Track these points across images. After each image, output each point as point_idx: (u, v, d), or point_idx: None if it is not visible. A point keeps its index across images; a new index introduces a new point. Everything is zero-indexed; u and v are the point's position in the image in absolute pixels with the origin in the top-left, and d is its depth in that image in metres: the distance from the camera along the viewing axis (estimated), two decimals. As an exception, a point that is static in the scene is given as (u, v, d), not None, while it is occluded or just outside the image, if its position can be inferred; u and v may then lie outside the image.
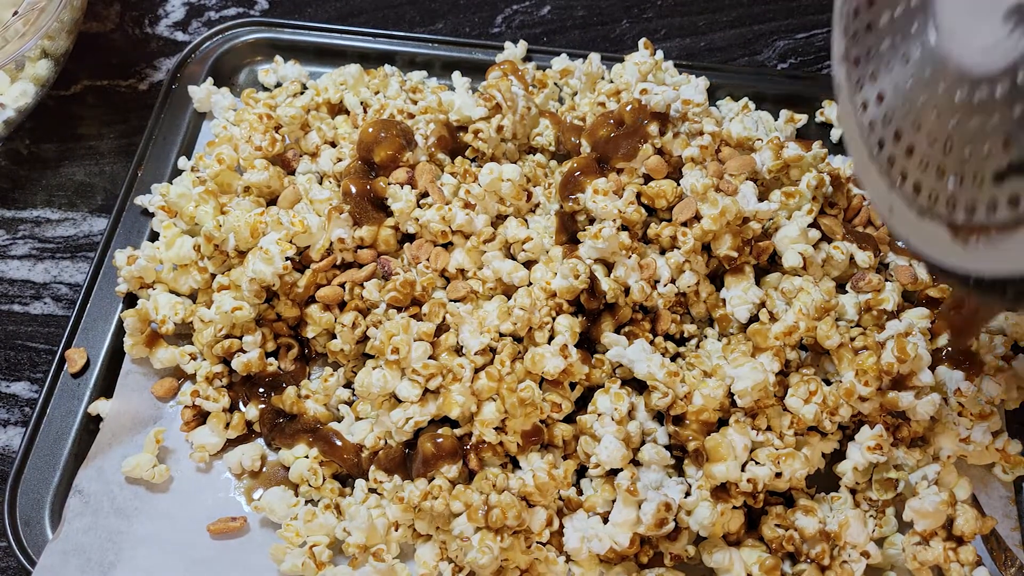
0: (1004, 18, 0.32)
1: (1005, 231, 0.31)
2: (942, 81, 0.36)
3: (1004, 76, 0.32)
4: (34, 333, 0.60)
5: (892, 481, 0.52)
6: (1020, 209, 0.30)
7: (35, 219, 0.65)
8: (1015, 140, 0.31)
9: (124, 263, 0.56)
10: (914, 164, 0.37)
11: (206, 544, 0.51)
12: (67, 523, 0.50)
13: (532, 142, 0.63)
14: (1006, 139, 0.31)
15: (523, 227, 0.57)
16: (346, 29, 0.71)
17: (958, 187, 0.34)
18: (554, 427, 0.52)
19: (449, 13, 0.76)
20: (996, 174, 0.32)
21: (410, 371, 0.50)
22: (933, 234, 0.35)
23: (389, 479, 0.51)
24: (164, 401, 0.56)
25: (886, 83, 0.39)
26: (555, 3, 0.77)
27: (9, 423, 0.57)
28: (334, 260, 0.56)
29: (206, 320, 0.53)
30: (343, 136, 0.62)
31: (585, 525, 0.50)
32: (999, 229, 0.31)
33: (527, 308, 0.52)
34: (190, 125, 0.66)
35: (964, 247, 0.33)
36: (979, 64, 0.33)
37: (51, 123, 0.69)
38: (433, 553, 0.50)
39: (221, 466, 0.54)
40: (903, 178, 0.38)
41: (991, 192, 0.32)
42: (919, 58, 0.37)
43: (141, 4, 0.76)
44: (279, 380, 0.55)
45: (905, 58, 0.38)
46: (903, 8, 0.38)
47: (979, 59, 0.33)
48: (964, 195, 0.33)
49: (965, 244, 0.33)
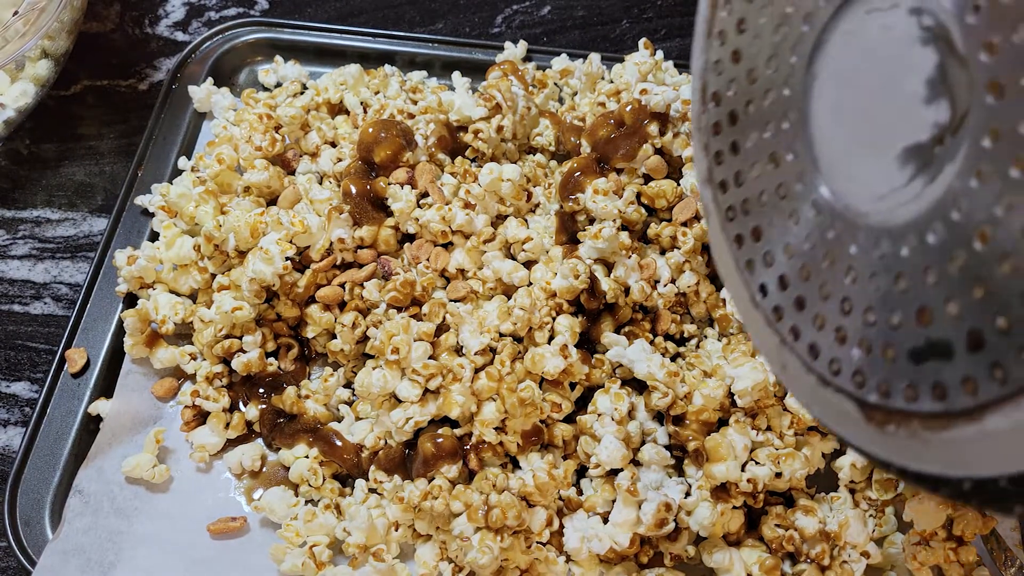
0: (899, 160, 0.26)
1: (932, 428, 0.24)
2: (829, 227, 0.29)
3: (909, 232, 0.25)
4: (34, 333, 0.60)
5: (892, 481, 0.52)
6: (949, 403, 0.24)
7: (35, 219, 0.65)
8: (933, 313, 0.24)
9: (124, 263, 0.56)
10: (807, 321, 0.30)
11: (206, 544, 0.51)
12: (67, 523, 0.50)
13: (532, 142, 0.63)
14: (920, 310, 0.25)
15: (523, 227, 0.57)
16: (346, 29, 0.71)
17: (865, 360, 0.27)
18: (554, 427, 0.52)
19: (449, 13, 0.76)
20: (912, 352, 0.25)
21: (410, 371, 0.50)
22: (840, 409, 0.28)
23: (389, 479, 0.51)
24: (164, 401, 0.56)
25: (762, 217, 0.32)
26: (555, 3, 0.77)
27: (9, 423, 0.57)
28: (334, 260, 0.56)
29: (206, 320, 0.53)
30: (343, 136, 0.62)
31: (585, 525, 0.50)
32: (923, 422, 0.25)
33: (527, 308, 0.52)
34: (190, 125, 0.66)
35: (880, 434, 0.26)
36: (875, 213, 0.27)
37: (51, 123, 0.69)
38: (433, 553, 0.50)
39: (221, 466, 0.54)
40: (795, 335, 0.30)
41: (909, 374, 0.25)
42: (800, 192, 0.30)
43: (141, 4, 0.76)
44: (279, 380, 0.55)
45: (780, 190, 0.31)
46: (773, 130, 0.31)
47: (874, 207, 0.27)
48: (874, 372, 0.26)
49: (881, 431, 0.26)
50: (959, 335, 0.23)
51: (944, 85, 0.24)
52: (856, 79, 0.28)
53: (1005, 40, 0.22)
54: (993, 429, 0.22)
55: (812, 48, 0.29)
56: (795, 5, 0.30)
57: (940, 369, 0.24)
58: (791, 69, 0.30)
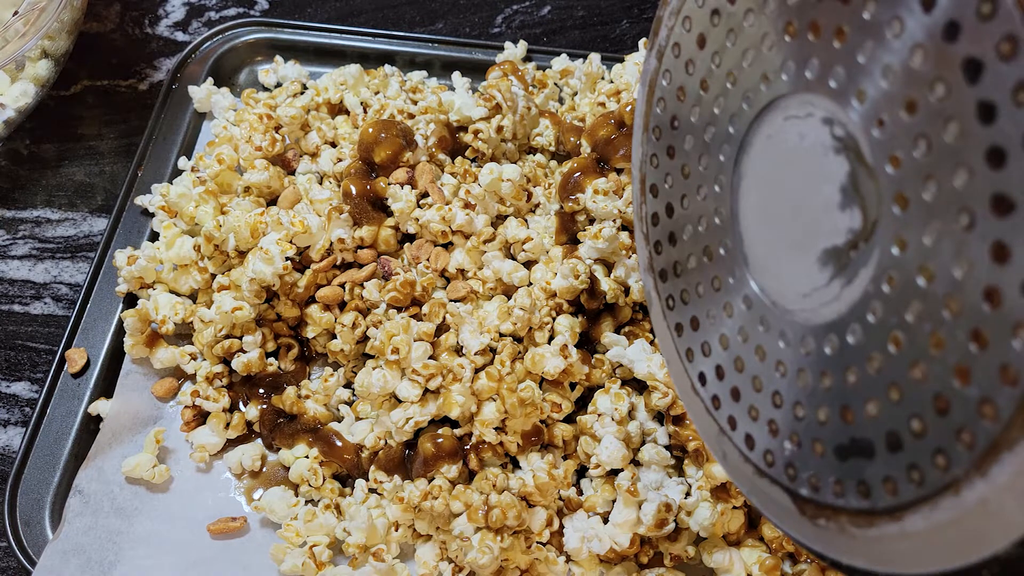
0: (819, 261, 0.26)
1: (858, 524, 0.25)
2: (759, 322, 0.29)
3: (831, 331, 0.26)
4: (34, 333, 0.60)
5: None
6: (873, 501, 0.24)
7: (35, 219, 0.65)
8: (855, 412, 0.24)
9: (124, 263, 0.56)
10: (742, 412, 0.30)
11: (206, 544, 0.51)
12: (67, 523, 0.50)
13: (532, 142, 0.63)
14: (843, 408, 0.25)
15: (523, 227, 0.57)
16: (346, 29, 0.71)
17: (796, 453, 0.27)
18: (554, 427, 0.52)
19: (449, 13, 0.76)
20: (838, 449, 0.25)
21: (410, 371, 0.50)
22: (776, 500, 0.29)
23: (389, 479, 0.51)
24: (164, 401, 0.56)
25: (699, 308, 0.33)
26: (555, 3, 0.77)
27: (9, 423, 0.57)
28: (334, 260, 0.56)
29: (206, 320, 0.53)
30: (343, 136, 0.62)
31: (585, 525, 0.50)
32: (850, 518, 0.25)
33: (527, 308, 0.52)
34: (190, 125, 0.66)
35: (813, 526, 0.27)
36: (800, 311, 0.27)
37: (51, 123, 0.69)
38: (433, 553, 0.50)
39: (221, 466, 0.54)
40: (732, 425, 0.31)
41: (836, 470, 0.25)
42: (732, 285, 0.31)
43: (141, 4, 0.76)
44: (279, 380, 0.55)
45: (715, 282, 0.32)
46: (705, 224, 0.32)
47: (799, 305, 0.27)
48: (804, 465, 0.27)
49: (813, 524, 0.27)
50: (879, 435, 0.24)
51: (856, 193, 0.25)
52: (777, 181, 0.28)
53: (907, 155, 0.22)
54: (912, 529, 0.23)
55: (738, 149, 0.30)
56: (721, 107, 0.31)
57: (863, 467, 0.24)
58: (720, 167, 0.31)
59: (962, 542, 0.21)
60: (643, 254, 0.36)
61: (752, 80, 0.29)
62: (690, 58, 0.32)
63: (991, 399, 0.20)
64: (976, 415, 0.20)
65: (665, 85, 0.34)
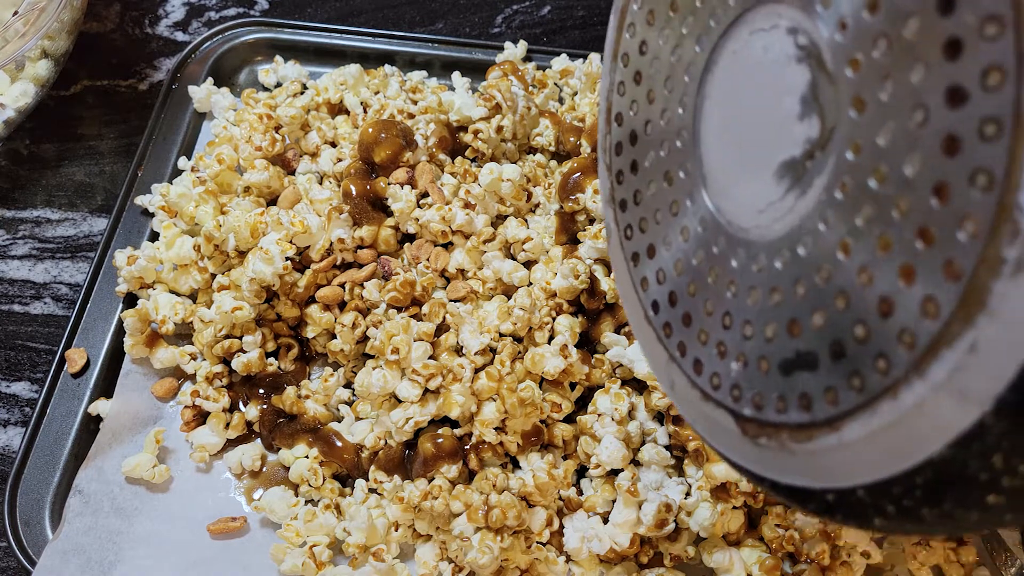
0: (776, 175, 0.27)
1: (798, 439, 0.25)
2: (713, 243, 0.29)
3: (783, 245, 0.26)
4: (34, 333, 0.60)
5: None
6: (813, 413, 0.24)
7: (35, 219, 0.65)
8: (802, 325, 0.25)
9: (124, 263, 0.56)
10: (692, 337, 0.31)
11: (206, 544, 0.51)
12: (67, 523, 0.50)
13: (532, 142, 0.63)
14: (791, 322, 0.26)
15: (523, 227, 0.57)
16: (346, 29, 0.71)
17: (742, 373, 0.28)
18: (554, 427, 0.52)
19: (449, 13, 0.76)
20: (782, 364, 0.26)
21: (410, 371, 0.50)
22: (719, 423, 0.29)
23: (389, 479, 0.51)
24: (164, 401, 0.56)
25: (656, 234, 0.33)
26: (555, 3, 0.77)
27: (9, 423, 0.57)
28: (334, 260, 0.56)
29: (206, 320, 0.53)
30: (343, 136, 0.62)
31: (585, 525, 0.50)
32: (791, 434, 0.25)
33: (527, 308, 0.52)
34: (190, 125, 0.66)
35: (754, 447, 0.27)
36: (754, 228, 0.28)
37: (51, 123, 0.69)
38: (433, 553, 0.50)
39: (221, 466, 0.54)
40: (682, 351, 0.31)
41: (779, 386, 0.26)
42: (690, 209, 0.31)
43: (141, 4, 0.76)
44: (279, 380, 0.55)
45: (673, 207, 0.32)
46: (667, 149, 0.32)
47: (754, 222, 0.28)
48: (749, 384, 0.27)
49: (755, 443, 0.27)
50: (823, 345, 0.24)
51: (815, 102, 0.25)
52: (740, 98, 0.29)
53: (867, 56, 0.23)
54: (850, 438, 0.23)
55: (703, 69, 0.30)
56: (689, 27, 0.31)
57: (807, 380, 0.25)
58: (685, 89, 0.31)
59: (898, 447, 0.22)
60: (605, 186, 0.37)
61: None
62: None
63: (933, 296, 0.20)
64: (918, 314, 0.21)
65: (636, 9, 0.34)
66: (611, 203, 0.36)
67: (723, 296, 0.29)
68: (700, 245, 0.31)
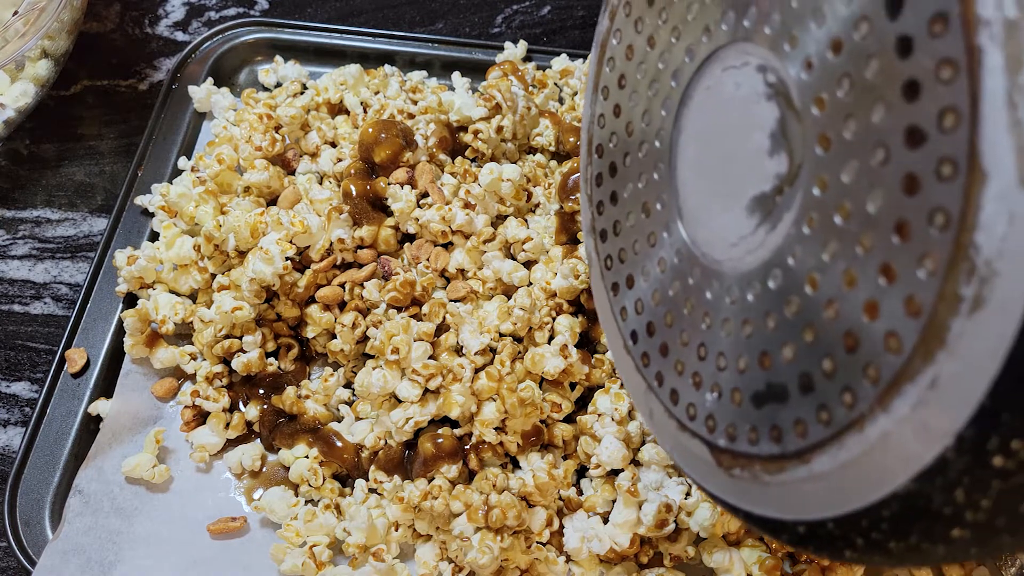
0: (747, 209, 0.27)
1: (770, 470, 0.25)
2: (689, 274, 0.30)
3: (754, 278, 0.27)
4: (34, 333, 0.60)
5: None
6: (784, 445, 0.25)
7: (35, 219, 0.65)
8: (773, 357, 0.25)
9: (124, 263, 0.56)
10: (669, 367, 0.31)
11: (206, 544, 0.51)
12: (67, 523, 0.50)
13: (532, 142, 0.63)
14: (762, 354, 0.26)
15: (523, 227, 0.57)
16: (346, 29, 0.71)
17: (716, 404, 0.28)
18: (554, 427, 0.52)
19: (449, 13, 0.76)
20: (754, 396, 0.26)
21: (410, 371, 0.50)
22: (695, 453, 0.29)
23: (389, 479, 0.51)
24: (164, 401, 0.56)
25: (635, 265, 0.34)
26: (555, 3, 0.77)
27: (9, 423, 0.57)
28: (334, 260, 0.56)
29: (206, 320, 0.53)
30: (343, 136, 0.62)
31: (585, 525, 0.50)
32: (763, 465, 0.26)
33: (527, 308, 0.52)
34: (190, 125, 0.66)
35: (728, 477, 0.28)
36: (728, 260, 0.28)
37: (51, 123, 0.69)
38: (433, 553, 0.50)
39: (221, 466, 0.54)
40: (659, 381, 0.32)
41: (752, 417, 0.26)
42: (666, 240, 0.32)
43: (141, 4, 0.76)
44: (279, 380, 0.55)
45: (651, 238, 0.32)
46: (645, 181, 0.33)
47: (727, 254, 0.28)
48: (723, 415, 0.28)
49: (729, 474, 0.27)
50: (793, 378, 0.25)
51: (784, 138, 0.26)
52: (713, 132, 0.30)
53: (831, 95, 0.23)
54: (819, 470, 0.23)
55: (679, 103, 0.31)
56: (665, 62, 0.32)
57: (777, 412, 0.25)
58: (662, 122, 0.32)
59: (865, 480, 0.22)
60: (586, 216, 0.37)
61: (695, 33, 0.30)
62: (640, 16, 0.33)
63: (896, 331, 0.21)
64: (882, 349, 0.21)
65: (615, 44, 0.35)
66: (592, 233, 0.37)
67: (698, 327, 0.29)
68: (676, 276, 0.31)
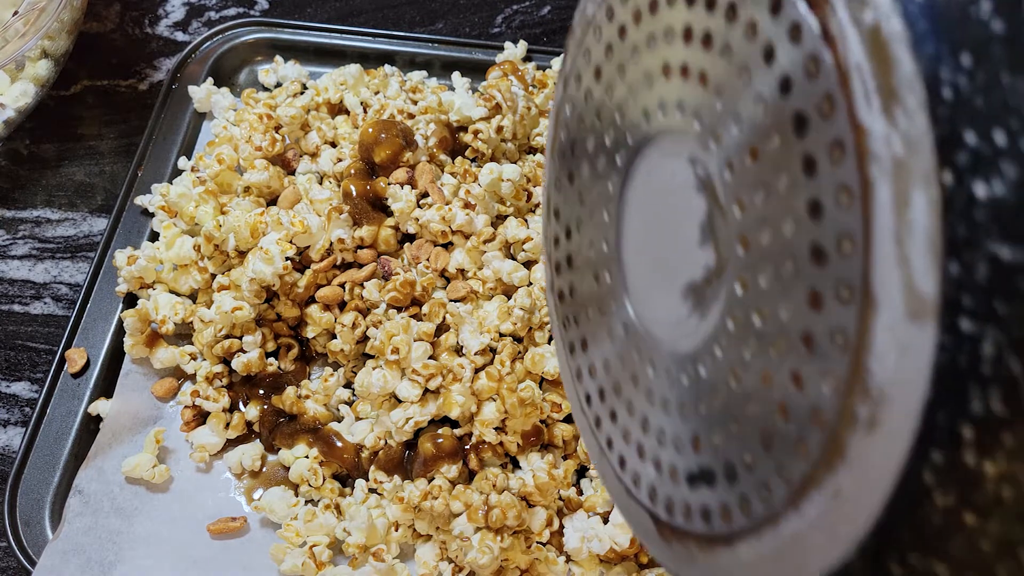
0: (682, 294, 0.27)
1: (702, 548, 0.26)
2: (634, 348, 0.30)
3: (688, 363, 0.27)
4: (34, 333, 0.60)
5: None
6: (712, 527, 0.25)
7: (35, 219, 0.65)
8: (703, 442, 0.26)
9: (124, 263, 0.56)
10: (618, 434, 0.31)
11: (206, 544, 0.51)
12: (67, 523, 0.50)
13: (532, 142, 0.63)
14: (695, 437, 0.26)
15: (523, 227, 0.57)
16: (346, 29, 0.71)
17: (657, 477, 0.29)
18: (554, 427, 0.52)
19: (449, 13, 0.76)
20: (688, 476, 0.27)
21: (410, 371, 0.50)
22: (641, 522, 0.30)
23: (389, 479, 0.51)
24: (164, 401, 0.56)
25: (588, 330, 0.34)
26: (555, 3, 0.77)
27: (9, 423, 0.57)
28: (334, 260, 0.56)
29: (206, 320, 0.53)
30: (343, 136, 0.62)
31: (585, 525, 0.50)
32: (696, 542, 0.26)
33: (527, 308, 0.52)
34: (190, 125, 0.66)
35: (668, 549, 0.28)
36: (668, 341, 0.28)
37: (51, 123, 0.69)
38: (433, 553, 0.50)
39: (221, 466, 0.54)
40: (609, 445, 0.32)
41: (686, 496, 0.27)
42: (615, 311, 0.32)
43: (141, 4, 0.76)
44: (279, 380, 0.55)
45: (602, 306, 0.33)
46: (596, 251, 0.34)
47: (667, 335, 0.28)
48: (663, 489, 0.28)
49: (668, 546, 0.28)
50: (719, 465, 0.25)
51: (712, 232, 0.26)
52: (653, 214, 0.30)
53: (750, 200, 0.23)
54: (743, 558, 0.24)
55: (623, 180, 0.31)
56: (611, 139, 0.32)
57: (707, 495, 0.26)
58: (608, 196, 0.33)
59: (782, 573, 0.22)
60: (547, 274, 0.38)
61: (636, 116, 0.30)
62: (588, 88, 0.33)
63: (804, 438, 0.21)
64: (793, 452, 0.22)
65: (568, 112, 0.35)
66: (552, 291, 0.37)
67: (642, 401, 0.30)
68: (623, 348, 0.31)
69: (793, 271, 0.21)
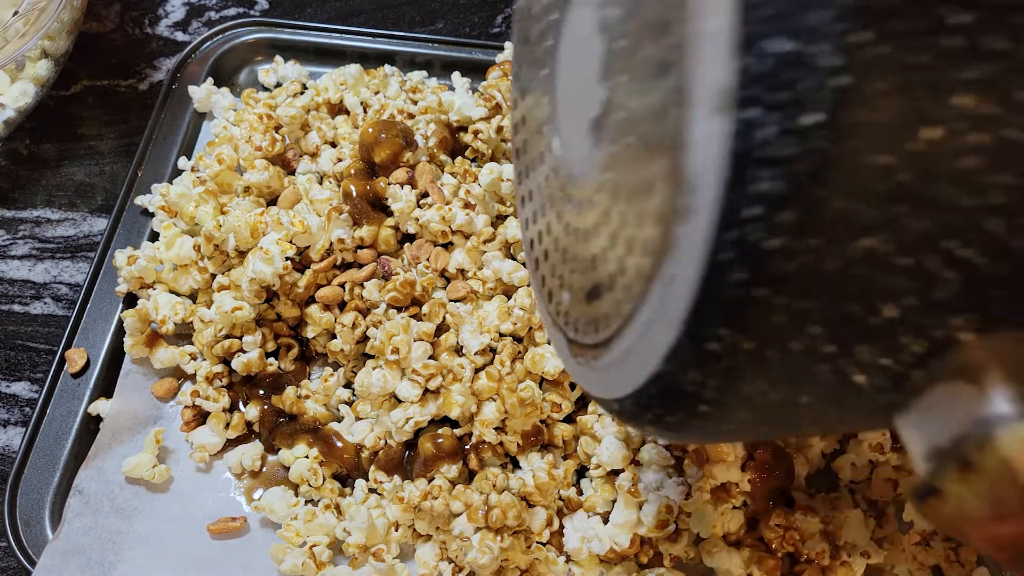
0: (589, 129, 0.30)
1: (595, 355, 0.30)
2: (559, 188, 0.34)
3: (594, 194, 0.30)
4: (34, 333, 0.60)
5: (891, 481, 0.52)
6: (598, 335, 0.29)
7: (35, 219, 0.65)
8: (597, 265, 0.29)
9: (124, 263, 0.56)
10: (546, 269, 0.35)
11: (206, 544, 0.51)
12: (67, 523, 0.50)
13: (532, 142, 0.63)
14: (593, 258, 0.30)
15: (523, 227, 0.57)
16: (346, 29, 0.71)
17: (568, 301, 0.33)
18: (554, 427, 0.52)
19: (449, 13, 0.76)
20: (588, 294, 0.30)
21: (410, 371, 0.50)
22: (560, 345, 0.34)
23: (389, 479, 0.51)
24: (164, 401, 0.56)
25: (532, 183, 0.38)
26: (555, 3, 0.77)
27: (9, 423, 0.57)
28: (334, 260, 0.56)
29: (206, 320, 0.53)
30: (343, 136, 0.62)
31: (585, 525, 0.50)
32: (592, 352, 0.30)
33: (527, 308, 0.52)
34: (190, 125, 0.66)
35: (577, 364, 0.32)
36: (580, 175, 0.31)
37: (51, 123, 0.69)
38: (433, 553, 0.50)
39: (221, 466, 0.54)
40: (543, 281, 0.36)
41: (585, 312, 0.31)
42: (548, 160, 0.35)
43: (141, 4, 0.76)
44: (279, 380, 0.55)
45: (540, 152, 0.36)
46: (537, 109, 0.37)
47: (579, 170, 0.31)
48: (572, 311, 0.32)
49: (576, 361, 0.32)
50: (604, 278, 0.29)
51: (606, 68, 0.29)
52: (573, 62, 0.33)
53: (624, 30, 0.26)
54: (617, 355, 0.27)
55: (558, 32, 0.34)
56: None
57: (597, 307, 0.29)
58: (547, 50, 0.35)
59: (640, 363, 0.25)
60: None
61: None
62: None
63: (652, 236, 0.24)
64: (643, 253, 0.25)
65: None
66: (514, 152, 0.41)
67: (562, 235, 0.33)
68: (548, 185, 0.35)
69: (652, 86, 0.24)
